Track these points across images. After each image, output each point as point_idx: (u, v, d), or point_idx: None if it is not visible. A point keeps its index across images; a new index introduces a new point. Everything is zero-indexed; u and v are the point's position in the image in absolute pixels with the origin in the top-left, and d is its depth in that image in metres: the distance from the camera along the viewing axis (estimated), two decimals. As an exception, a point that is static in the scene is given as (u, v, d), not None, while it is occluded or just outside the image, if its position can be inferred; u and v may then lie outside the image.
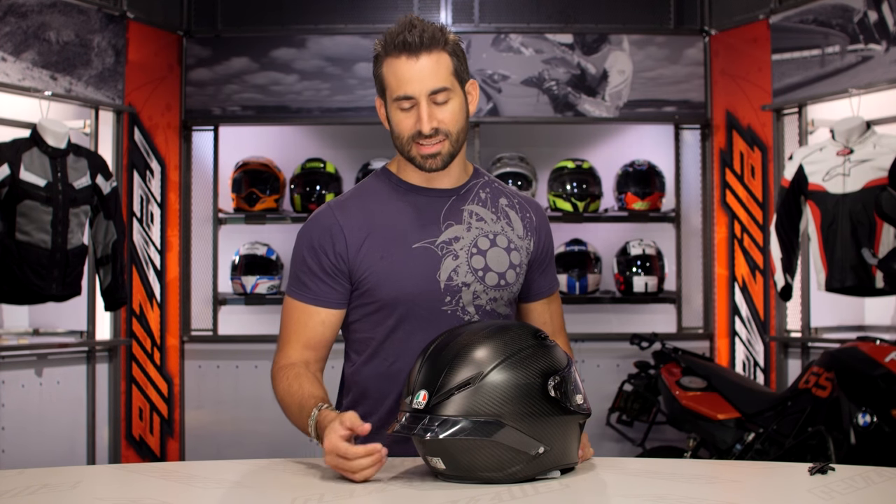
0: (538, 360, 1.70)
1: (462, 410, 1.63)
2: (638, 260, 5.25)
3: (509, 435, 1.63)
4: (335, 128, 5.51)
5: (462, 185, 2.05)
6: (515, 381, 1.65)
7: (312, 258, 1.99)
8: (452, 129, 1.94)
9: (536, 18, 5.40)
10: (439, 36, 1.92)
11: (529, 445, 1.65)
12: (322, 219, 2.01)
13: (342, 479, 1.73)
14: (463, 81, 1.97)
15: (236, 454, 5.16)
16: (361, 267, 1.97)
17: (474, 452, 1.64)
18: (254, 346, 5.31)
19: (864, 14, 4.42)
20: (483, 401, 1.64)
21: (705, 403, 4.20)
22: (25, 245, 4.13)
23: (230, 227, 5.45)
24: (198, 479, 1.76)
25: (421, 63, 1.90)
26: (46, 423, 4.56)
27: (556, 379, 1.69)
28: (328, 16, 5.37)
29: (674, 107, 5.38)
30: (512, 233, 2.06)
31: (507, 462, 1.65)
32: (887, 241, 4.11)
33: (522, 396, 1.65)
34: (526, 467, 1.67)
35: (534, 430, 1.65)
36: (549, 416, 1.67)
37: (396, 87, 1.92)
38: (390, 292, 1.97)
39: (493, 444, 1.63)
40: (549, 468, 1.71)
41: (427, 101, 1.91)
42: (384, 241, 1.97)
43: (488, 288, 2.00)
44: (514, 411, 1.64)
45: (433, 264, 1.97)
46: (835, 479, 1.70)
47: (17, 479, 1.73)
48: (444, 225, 2.00)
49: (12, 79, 4.34)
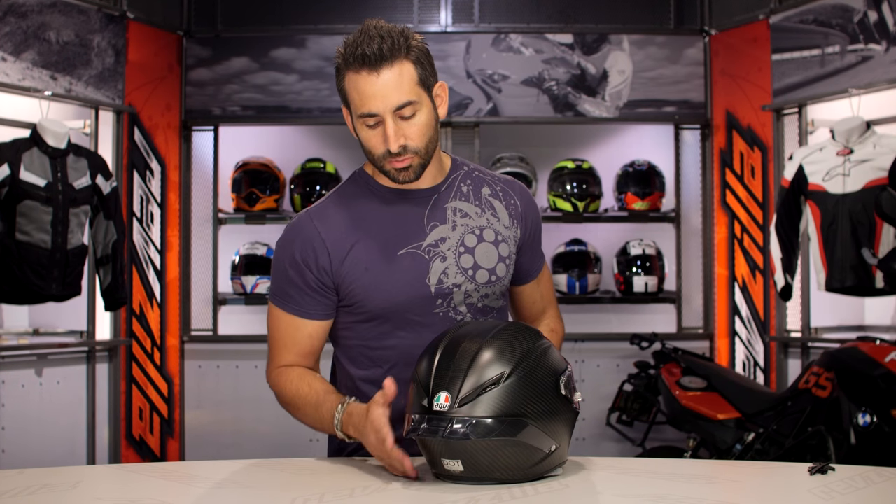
0: (549, 359, 1.72)
1: (490, 411, 1.64)
2: (638, 260, 5.25)
3: (531, 433, 1.65)
4: (335, 128, 5.51)
5: (441, 181, 1.99)
6: (535, 379, 1.68)
7: (295, 272, 1.93)
8: (420, 144, 1.87)
9: (536, 18, 5.40)
10: (401, 44, 1.81)
11: (546, 443, 1.67)
12: (302, 232, 1.94)
13: (342, 479, 1.73)
14: (430, 87, 1.88)
15: (236, 454, 5.16)
16: (347, 280, 1.92)
17: (496, 452, 1.65)
18: (254, 346, 5.31)
19: (864, 14, 4.42)
20: (509, 401, 1.65)
21: (705, 403, 4.20)
22: (25, 245, 4.13)
23: (230, 227, 5.45)
24: (198, 479, 1.76)
25: (383, 78, 1.80)
26: (46, 423, 4.55)
27: (565, 377, 1.72)
28: (328, 16, 5.38)
29: (674, 107, 5.38)
30: (498, 224, 2.01)
31: (524, 461, 1.67)
32: (887, 241, 4.11)
33: (542, 395, 1.67)
34: (539, 466, 1.69)
35: (550, 428, 1.68)
36: (562, 414, 1.70)
37: (360, 103, 1.83)
38: (379, 303, 1.93)
39: (514, 444, 1.65)
40: (556, 466, 1.73)
41: (392, 117, 1.82)
42: (367, 252, 1.92)
43: (479, 286, 1.97)
44: (535, 410, 1.66)
45: (421, 269, 1.93)
46: (835, 479, 1.70)
47: (17, 479, 1.73)
48: (429, 227, 1.95)
49: (12, 79, 4.34)
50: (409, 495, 1.64)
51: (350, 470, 1.82)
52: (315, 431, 1.96)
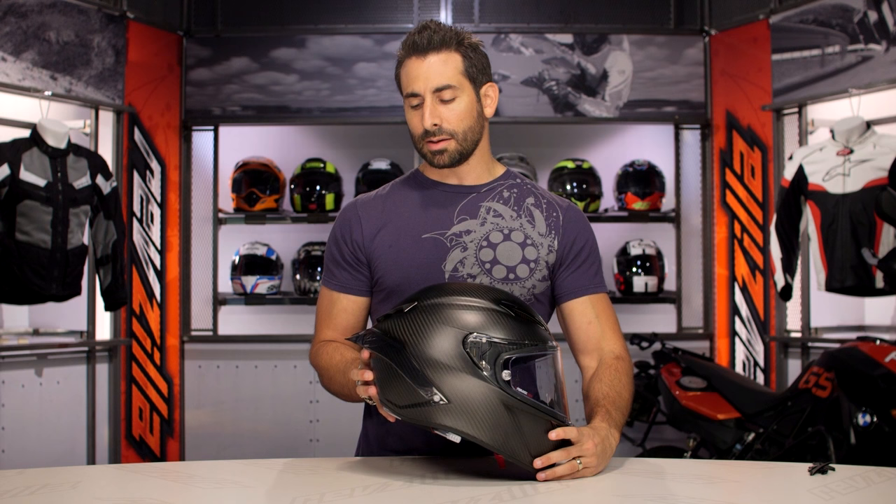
0: (466, 316, 1.71)
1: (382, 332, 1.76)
2: (638, 260, 5.25)
3: (404, 362, 1.69)
4: (335, 128, 5.51)
5: (485, 183, 2.07)
6: (433, 319, 1.71)
7: (335, 248, 2.07)
8: (458, 128, 1.98)
9: (536, 18, 5.40)
10: (451, 37, 1.97)
11: (417, 386, 1.66)
12: (345, 212, 2.10)
13: (342, 479, 1.73)
14: (477, 82, 2.02)
15: (236, 454, 5.16)
16: (374, 255, 2.02)
17: (382, 373, 1.72)
18: (254, 346, 5.31)
19: (864, 14, 4.42)
20: (400, 328, 1.72)
21: (705, 403, 4.20)
22: (25, 245, 4.13)
23: (230, 227, 5.45)
24: (198, 479, 1.76)
25: (428, 61, 1.95)
26: (46, 423, 4.55)
27: (480, 343, 1.68)
28: (328, 16, 5.37)
29: (674, 107, 5.38)
30: (532, 230, 2.03)
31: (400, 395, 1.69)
32: (887, 241, 4.11)
33: (432, 336, 1.69)
34: (418, 409, 1.66)
35: (430, 373, 1.67)
36: (456, 371, 1.66)
37: (406, 85, 1.98)
38: (395, 280, 1.99)
39: (388, 368, 1.70)
40: (447, 427, 1.66)
41: (432, 98, 1.95)
42: (396, 231, 2.02)
43: (496, 281, 1.97)
44: (415, 343, 1.70)
45: (440, 254, 1.98)
46: (835, 479, 1.70)
47: (17, 479, 1.73)
48: (458, 219, 2.01)
49: (12, 79, 4.34)
50: (410, 495, 1.63)
51: (350, 470, 1.82)
52: (315, 431, 1.97)
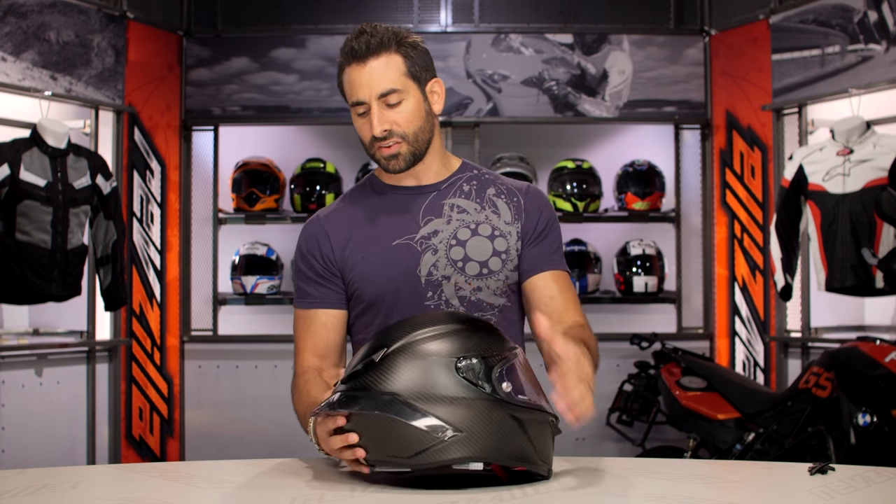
0: (445, 343, 1.64)
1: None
2: (638, 260, 5.25)
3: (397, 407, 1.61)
4: (335, 128, 5.51)
5: (444, 179, 2.05)
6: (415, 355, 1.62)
7: (305, 264, 2.05)
8: (408, 130, 1.95)
9: (536, 18, 5.40)
10: (389, 39, 1.93)
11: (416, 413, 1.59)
12: (310, 227, 2.08)
13: (342, 479, 1.73)
14: (421, 80, 1.97)
15: (236, 454, 5.16)
16: (346, 268, 2.01)
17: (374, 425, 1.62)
18: (254, 346, 5.31)
19: (864, 14, 4.42)
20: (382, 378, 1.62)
21: (705, 403, 4.20)
22: (25, 245, 4.13)
23: (230, 227, 5.45)
24: (198, 479, 1.76)
25: (369, 67, 1.92)
26: (46, 423, 4.55)
27: (469, 361, 1.62)
28: (328, 16, 5.38)
29: (674, 107, 5.38)
30: (498, 220, 2.02)
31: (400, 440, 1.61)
32: (887, 241, 4.11)
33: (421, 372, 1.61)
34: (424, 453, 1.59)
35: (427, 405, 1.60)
36: (459, 398, 1.60)
37: (350, 93, 1.95)
38: (373, 291, 1.99)
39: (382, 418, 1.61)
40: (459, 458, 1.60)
41: (377, 104, 1.92)
42: (364, 242, 2.01)
43: (470, 278, 1.98)
44: (407, 386, 1.61)
45: (413, 260, 1.98)
46: (835, 479, 1.70)
47: (17, 479, 1.73)
48: (424, 220, 2.00)
49: (12, 79, 4.34)
50: (409, 495, 1.63)
51: (350, 470, 1.82)
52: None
